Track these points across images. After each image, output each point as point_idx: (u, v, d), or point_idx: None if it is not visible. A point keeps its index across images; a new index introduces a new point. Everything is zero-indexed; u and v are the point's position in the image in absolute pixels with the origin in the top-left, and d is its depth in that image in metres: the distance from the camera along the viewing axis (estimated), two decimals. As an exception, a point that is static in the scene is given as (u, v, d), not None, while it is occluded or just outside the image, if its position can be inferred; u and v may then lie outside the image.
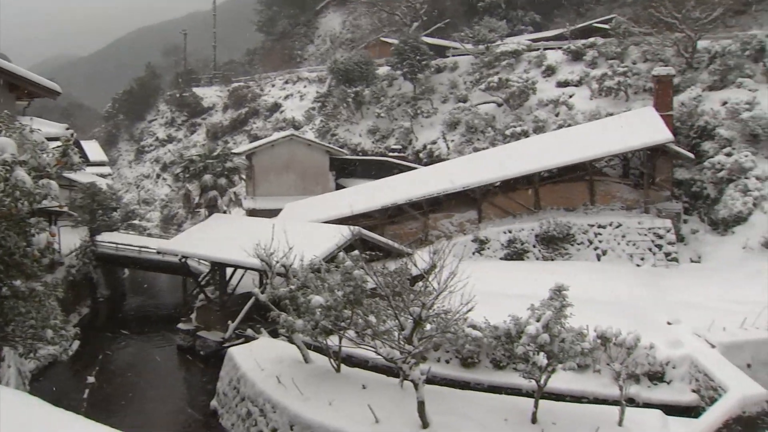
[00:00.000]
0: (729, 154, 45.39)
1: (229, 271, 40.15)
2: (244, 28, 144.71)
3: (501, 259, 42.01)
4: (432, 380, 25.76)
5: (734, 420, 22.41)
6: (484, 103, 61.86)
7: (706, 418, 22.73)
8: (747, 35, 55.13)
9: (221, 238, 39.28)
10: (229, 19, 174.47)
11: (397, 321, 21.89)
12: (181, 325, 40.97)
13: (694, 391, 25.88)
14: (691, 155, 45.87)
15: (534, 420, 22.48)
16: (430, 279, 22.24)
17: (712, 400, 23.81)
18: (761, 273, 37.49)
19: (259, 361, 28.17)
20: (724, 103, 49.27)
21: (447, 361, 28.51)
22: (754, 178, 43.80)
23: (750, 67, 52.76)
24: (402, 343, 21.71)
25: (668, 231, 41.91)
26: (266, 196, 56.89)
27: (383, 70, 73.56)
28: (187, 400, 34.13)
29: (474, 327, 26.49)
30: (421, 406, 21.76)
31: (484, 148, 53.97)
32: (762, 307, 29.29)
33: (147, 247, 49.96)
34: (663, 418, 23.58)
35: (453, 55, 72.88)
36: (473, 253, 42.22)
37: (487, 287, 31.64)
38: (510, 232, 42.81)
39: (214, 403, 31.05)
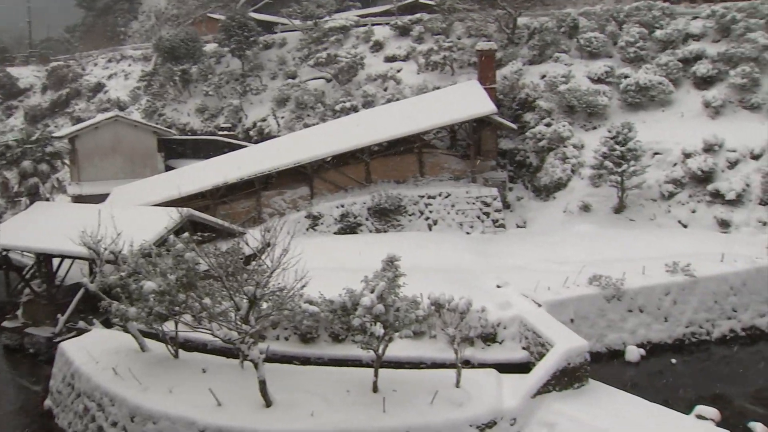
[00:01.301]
0: (549, 125, 47.88)
1: (56, 262, 38.14)
2: (61, 2, 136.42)
3: (335, 233, 42.22)
4: (272, 358, 25.63)
5: (561, 371, 23.84)
6: (314, 79, 61.84)
7: (536, 372, 24.06)
8: (562, 13, 58.44)
9: (45, 228, 37.14)
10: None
11: (232, 302, 21.62)
12: (6, 323, 38.48)
13: (524, 348, 27.24)
14: (514, 126, 47.98)
15: (375, 389, 22.89)
16: (263, 257, 22.11)
17: (541, 356, 25.11)
18: (580, 234, 39.97)
19: (93, 353, 27.01)
20: (543, 77, 51.92)
21: (286, 338, 28.50)
22: (571, 146, 46.50)
23: (565, 42, 56.01)
24: (239, 323, 21.49)
25: (495, 199, 43.61)
26: (92, 181, 54.36)
27: (211, 47, 71.94)
28: (19, 403, 32.08)
29: (311, 302, 26.54)
30: (262, 385, 21.69)
31: (314, 124, 53.98)
32: (582, 265, 31.21)
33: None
34: (497, 376, 24.68)
35: (281, 31, 72.32)
36: (307, 229, 42.25)
37: (322, 262, 31.99)
38: (343, 206, 43.09)
39: (48, 402, 29.42)
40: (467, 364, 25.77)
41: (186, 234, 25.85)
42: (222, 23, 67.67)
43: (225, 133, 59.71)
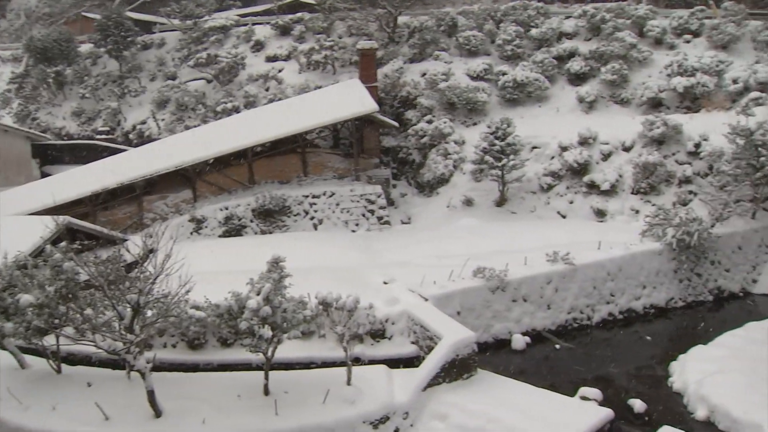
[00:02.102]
0: (430, 122, 48.70)
1: None
2: None
3: (220, 236, 41.59)
4: (160, 367, 25.06)
5: (450, 363, 24.33)
6: (194, 80, 60.77)
7: (425, 365, 24.45)
8: (441, 12, 59.71)
9: None
10: None
11: (115, 311, 21.06)
12: None
13: (413, 343, 27.53)
14: (396, 124, 48.57)
15: (266, 392, 22.78)
16: (145, 264, 21.65)
17: (430, 349, 25.49)
18: (464, 228, 40.87)
19: (-34, 374, 25.77)
20: (424, 75, 52.79)
21: (174, 346, 27.85)
22: (453, 142, 47.46)
23: (445, 41, 57.36)
24: (123, 333, 20.94)
25: (379, 196, 43.98)
26: (-40, 191, 51.77)
27: (86, 48, 69.40)
28: None
29: (197, 308, 26.04)
30: (151, 395, 21.23)
31: (195, 126, 53.01)
32: (466, 258, 31.89)
33: None
34: (387, 371, 24.95)
35: (160, 31, 70.62)
36: (191, 233, 41.44)
37: (207, 266, 31.54)
38: (227, 208, 42.48)
39: None
40: (357, 361, 25.96)
41: (64, 243, 24.92)
42: (97, 23, 65.44)
43: (104, 137, 57.92)
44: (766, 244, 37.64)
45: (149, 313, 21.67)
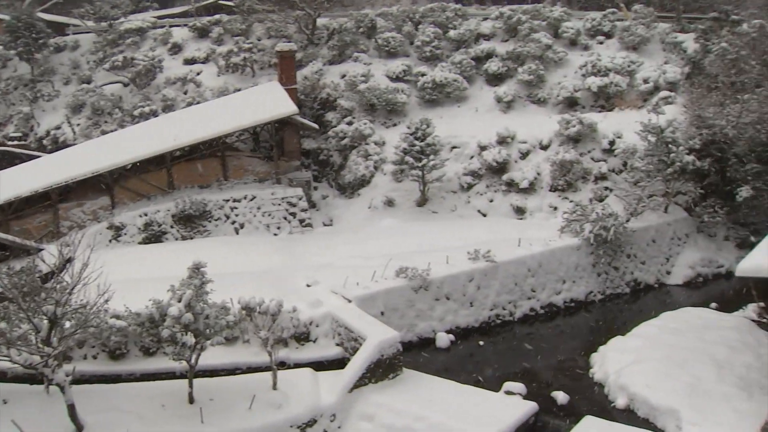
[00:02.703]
0: (350, 123, 48.78)
1: None
2: None
3: (139, 243, 40.72)
4: (80, 380, 24.52)
5: (375, 364, 24.57)
6: (110, 83, 59.34)
7: (351, 366, 24.61)
8: (360, 14, 59.81)
9: None
10: None
11: (31, 324, 20.49)
12: None
13: (338, 344, 27.67)
14: (316, 126, 48.44)
15: (191, 400, 22.59)
16: (62, 274, 21.14)
17: (355, 350, 25.65)
18: (386, 229, 41.11)
19: None
20: (344, 76, 52.78)
21: (94, 357, 27.19)
22: (373, 143, 47.64)
23: (364, 42, 57.52)
24: (40, 346, 20.41)
25: (300, 199, 43.81)
26: None
27: (-6, 50, 67.22)
28: None
29: (117, 317, 25.56)
30: (71, 409, 20.79)
31: (112, 131, 51.77)
32: (388, 259, 32.08)
33: None
34: (313, 374, 25.06)
35: (74, 33, 68.63)
36: (110, 241, 40.48)
37: (128, 274, 31.03)
38: (146, 215, 41.62)
39: None
40: (283, 365, 25.91)
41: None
42: (7, 24, 63.21)
43: (16, 143, 55.96)
44: (678, 236, 39.02)
45: (67, 324, 21.18)
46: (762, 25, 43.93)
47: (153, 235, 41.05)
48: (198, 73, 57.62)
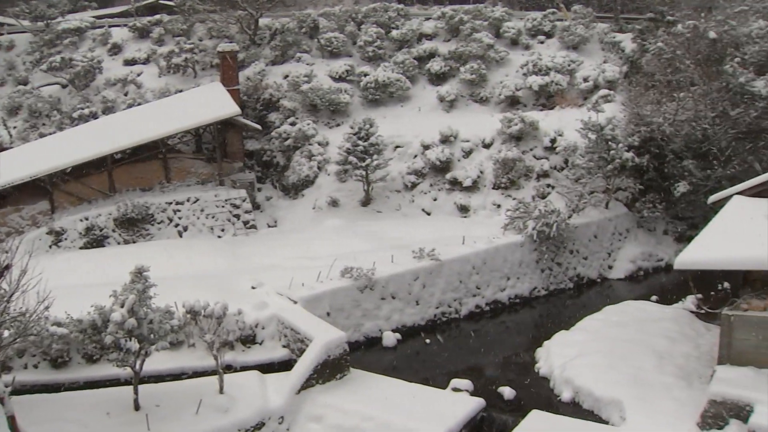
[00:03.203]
0: (293, 124, 48.64)
1: None
2: None
3: (81, 248, 39.95)
4: (21, 390, 23.98)
5: (322, 364, 24.57)
6: (48, 84, 58.08)
7: (298, 368, 24.57)
8: (303, 14, 59.61)
9: None
10: None
11: (-33, 333, 20.01)
12: None
13: (285, 346, 27.58)
14: (259, 127, 48.07)
15: (137, 407, 22.33)
16: (-2, 281, 20.66)
17: (302, 352, 25.57)
18: (330, 229, 41.07)
19: None
20: (286, 77, 52.60)
21: (35, 366, 26.56)
22: (317, 144, 47.58)
23: (307, 43, 57.43)
24: (-23, 355, 19.94)
25: (244, 200, 43.45)
26: None
27: None
28: None
29: (58, 324, 25.06)
30: (11, 421, 20.27)
31: (51, 133, 50.75)
32: (333, 259, 32.09)
33: None
34: (260, 377, 24.94)
35: (9, 33, 67.10)
36: (50, 246, 39.65)
37: (69, 280, 30.50)
38: (87, 219, 40.84)
39: None
40: (229, 368, 25.79)
41: None
42: (-65, 24, 61.75)
43: (-53, 147, 54.67)
44: (619, 232, 39.79)
45: (6, 333, 20.69)
46: (696, 26, 44.95)
47: (94, 240, 40.33)
48: (139, 74, 56.76)
